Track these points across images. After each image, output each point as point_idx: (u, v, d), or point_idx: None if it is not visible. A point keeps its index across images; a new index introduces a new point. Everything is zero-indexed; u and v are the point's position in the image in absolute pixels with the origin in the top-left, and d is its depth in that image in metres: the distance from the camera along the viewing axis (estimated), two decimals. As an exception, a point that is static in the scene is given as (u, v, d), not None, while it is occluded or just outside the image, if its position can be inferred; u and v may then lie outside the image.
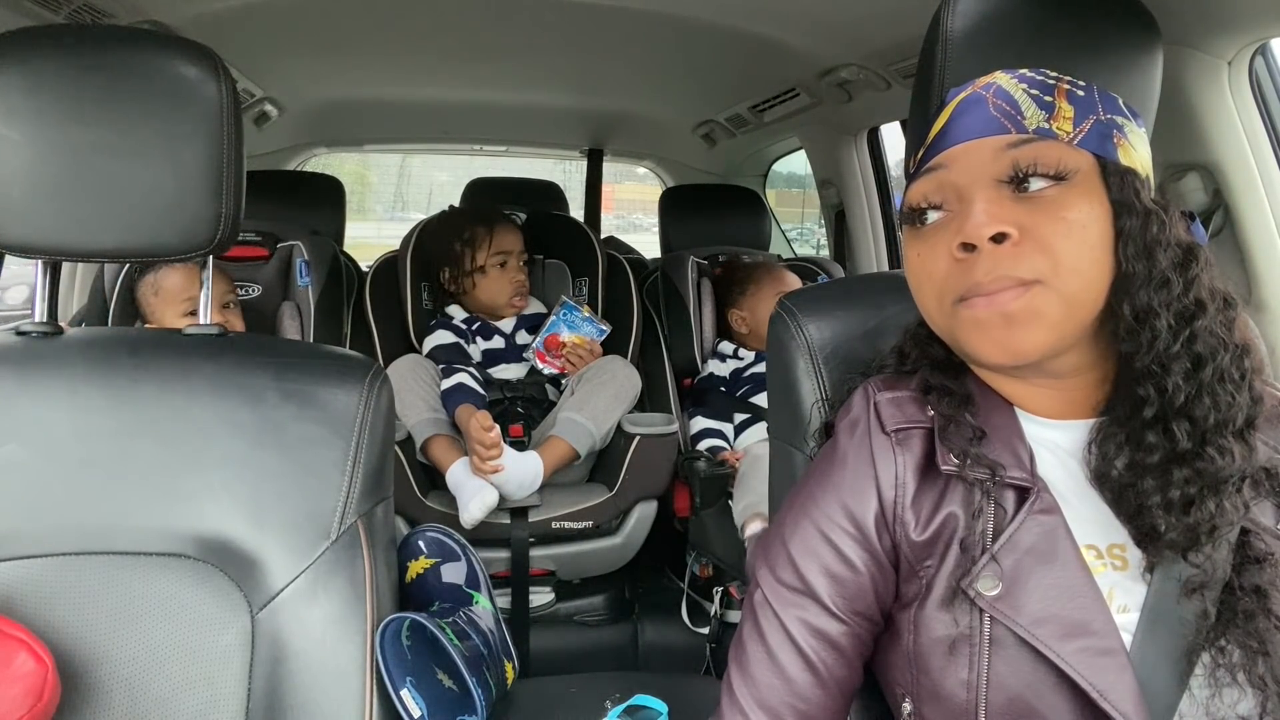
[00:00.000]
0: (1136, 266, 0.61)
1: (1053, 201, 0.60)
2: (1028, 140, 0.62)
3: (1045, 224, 0.60)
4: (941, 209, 0.65)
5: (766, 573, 0.69)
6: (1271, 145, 1.07)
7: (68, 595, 0.75)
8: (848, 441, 0.69)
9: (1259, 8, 0.97)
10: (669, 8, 1.62)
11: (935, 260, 0.64)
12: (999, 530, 0.62)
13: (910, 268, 0.68)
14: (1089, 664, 0.58)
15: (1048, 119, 0.62)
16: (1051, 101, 0.63)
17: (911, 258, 0.67)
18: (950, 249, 0.62)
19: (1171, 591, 0.61)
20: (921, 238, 0.66)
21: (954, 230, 0.62)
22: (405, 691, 0.78)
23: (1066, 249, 0.60)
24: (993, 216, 0.60)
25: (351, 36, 1.93)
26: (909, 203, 0.67)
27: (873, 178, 2.28)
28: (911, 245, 0.67)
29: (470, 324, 1.96)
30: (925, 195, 0.65)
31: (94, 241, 0.81)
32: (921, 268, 0.66)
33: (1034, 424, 0.67)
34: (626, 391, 1.82)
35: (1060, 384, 0.66)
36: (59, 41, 0.80)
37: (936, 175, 0.65)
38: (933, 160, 0.66)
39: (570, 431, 1.75)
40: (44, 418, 0.77)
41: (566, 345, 1.91)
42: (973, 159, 0.63)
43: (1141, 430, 0.61)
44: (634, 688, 1.00)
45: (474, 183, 3.16)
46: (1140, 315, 0.61)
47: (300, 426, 0.79)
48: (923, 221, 0.66)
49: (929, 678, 0.64)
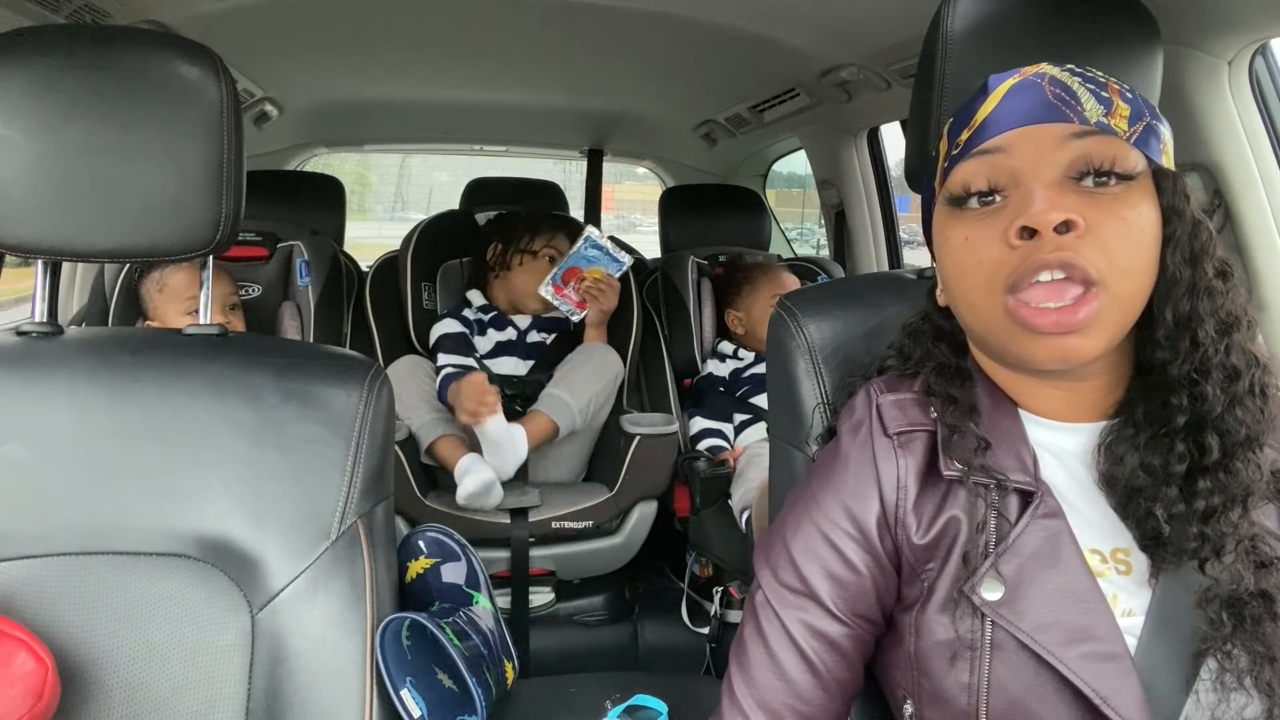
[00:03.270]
0: (1183, 273, 0.61)
1: (1115, 200, 0.59)
2: (1091, 132, 0.60)
3: (1106, 222, 0.59)
4: (995, 194, 0.62)
5: (768, 573, 0.69)
6: (1271, 145, 1.07)
7: (68, 595, 0.75)
8: (850, 443, 0.69)
9: (1259, 8, 0.97)
10: (669, 8, 1.62)
11: (987, 245, 0.61)
12: (1002, 535, 0.62)
13: (953, 253, 0.64)
14: (1092, 670, 0.58)
15: (1106, 114, 0.61)
16: (1109, 98, 0.62)
17: (956, 242, 0.63)
18: (1006, 234, 0.59)
19: (1177, 596, 0.60)
20: (969, 221, 0.63)
21: (1011, 215, 0.60)
22: (405, 691, 0.78)
23: (1123, 250, 0.59)
24: (1057, 204, 0.58)
25: (351, 36, 1.93)
26: (960, 184, 0.63)
27: (873, 178, 2.28)
28: (955, 228, 0.63)
29: (486, 312, 1.97)
30: (985, 178, 0.62)
31: (94, 241, 0.81)
32: (969, 253, 0.62)
33: (1039, 426, 0.66)
34: (605, 370, 1.85)
35: (1078, 386, 0.65)
36: (59, 41, 0.80)
37: (992, 159, 0.62)
38: (987, 143, 0.62)
39: (548, 405, 1.78)
40: (44, 418, 0.77)
41: (586, 279, 1.91)
42: (1034, 144, 0.61)
43: (1169, 439, 0.61)
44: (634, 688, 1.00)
45: (474, 183, 3.16)
46: (1182, 322, 0.61)
47: (300, 426, 0.79)
48: (976, 203, 0.63)
49: (930, 680, 0.64)
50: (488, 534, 1.68)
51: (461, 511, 1.69)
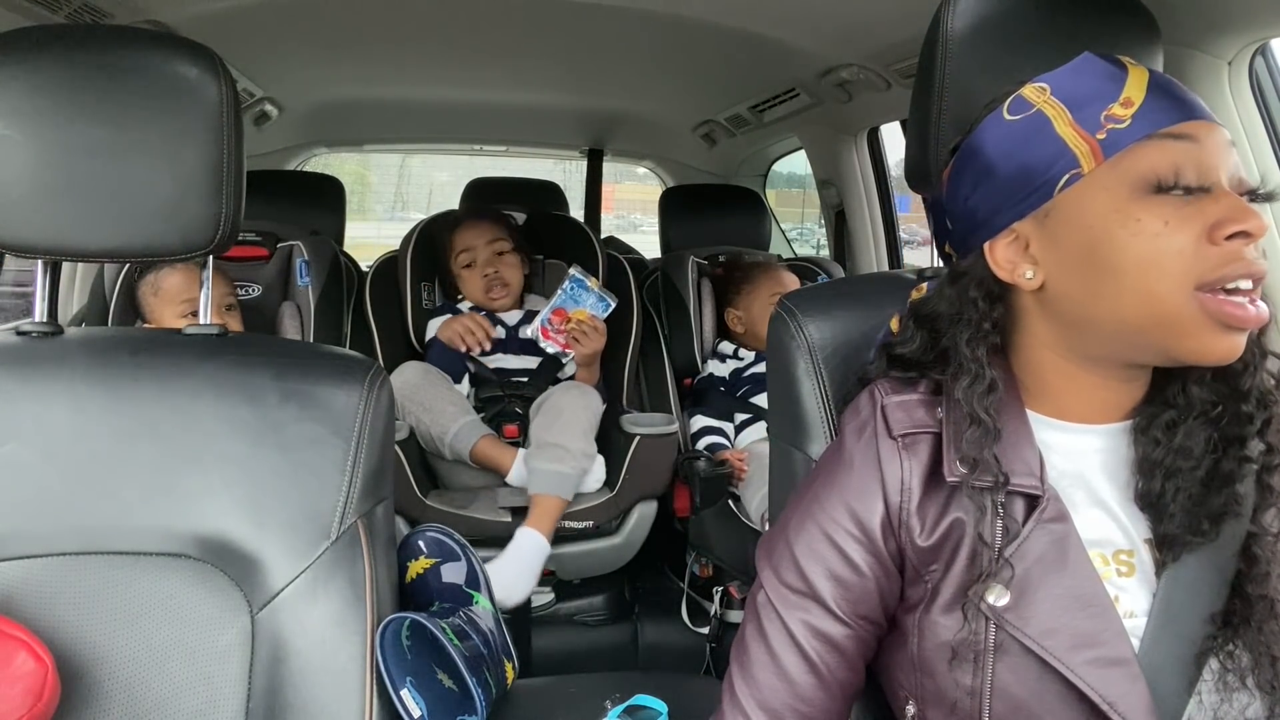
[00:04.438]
0: None
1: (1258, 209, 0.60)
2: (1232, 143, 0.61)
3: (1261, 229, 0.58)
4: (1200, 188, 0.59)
5: (770, 574, 0.69)
6: (1271, 145, 1.07)
7: (68, 595, 0.75)
8: (854, 444, 0.68)
9: (1259, 8, 0.97)
10: (669, 8, 1.63)
11: (1188, 237, 0.57)
12: (1008, 539, 0.61)
13: (1149, 238, 0.58)
14: (1099, 675, 0.58)
15: None
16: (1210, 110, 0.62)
17: (1154, 226, 0.58)
18: (1207, 230, 0.57)
19: (1180, 597, 0.60)
20: (1174, 206, 0.58)
21: (1210, 213, 0.58)
22: (405, 691, 0.78)
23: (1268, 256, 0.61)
24: (1253, 211, 0.58)
25: (351, 36, 1.93)
26: (1168, 166, 0.59)
27: (873, 178, 2.27)
28: (1155, 212, 0.58)
29: (476, 312, 1.98)
30: (1193, 169, 0.59)
31: (94, 241, 0.81)
32: (1169, 241, 0.58)
33: (1051, 429, 0.66)
34: (580, 414, 1.74)
35: (1121, 387, 0.65)
36: (59, 41, 0.80)
37: (1184, 146, 0.59)
38: (1178, 126, 0.59)
39: (543, 484, 1.67)
40: (44, 418, 0.77)
41: (571, 321, 1.88)
42: (1217, 142, 0.60)
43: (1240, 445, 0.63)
44: (634, 688, 1.00)
45: (474, 183, 3.16)
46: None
47: (300, 426, 0.79)
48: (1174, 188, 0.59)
49: (933, 681, 0.63)
50: (488, 534, 1.68)
51: (461, 511, 1.69)
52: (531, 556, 1.62)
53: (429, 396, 1.75)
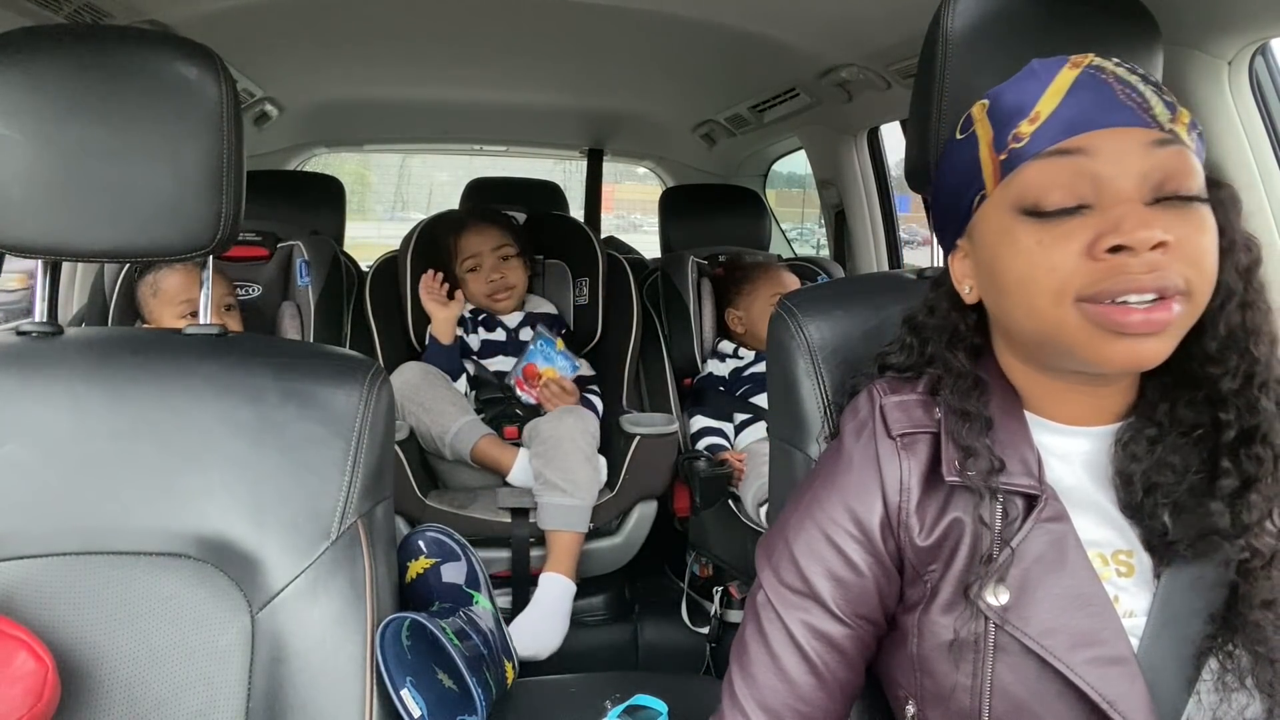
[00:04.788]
0: (1236, 287, 0.61)
1: (1197, 213, 0.58)
2: (1169, 141, 0.58)
3: (1194, 236, 0.57)
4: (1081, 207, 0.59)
5: (770, 574, 0.69)
6: (1271, 145, 1.07)
7: (68, 595, 0.75)
8: (853, 444, 0.69)
9: (1259, 8, 0.97)
10: (669, 8, 1.63)
11: (1065, 254, 0.58)
12: (1006, 539, 0.62)
13: (1022, 255, 0.60)
14: (1098, 674, 0.58)
15: (1172, 120, 0.59)
16: (1171, 101, 0.60)
17: (1027, 244, 0.59)
18: (1091, 246, 0.57)
19: (1180, 597, 0.60)
20: (1046, 225, 0.59)
21: (1095, 227, 0.57)
22: (405, 691, 0.78)
23: (1208, 265, 0.58)
24: (1150, 221, 0.56)
25: (351, 36, 1.93)
26: (1040, 189, 0.59)
27: (873, 178, 2.28)
28: (1027, 231, 0.59)
29: (476, 314, 1.98)
30: (1071, 190, 0.58)
31: (94, 241, 0.81)
32: (1043, 258, 0.58)
33: (1047, 431, 0.66)
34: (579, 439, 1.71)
35: (1101, 391, 0.65)
36: (59, 41, 0.80)
37: (1073, 161, 0.58)
38: (1065, 142, 0.59)
39: (552, 519, 1.64)
40: (44, 418, 0.77)
41: (542, 377, 1.89)
42: (1117, 149, 0.58)
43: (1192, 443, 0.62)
44: (634, 688, 1.00)
45: (474, 183, 3.16)
46: (1234, 336, 0.61)
47: (300, 426, 0.79)
48: (1049, 209, 0.59)
49: (933, 681, 0.64)
50: (488, 534, 1.68)
51: (461, 511, 1.69)
52: (559, 602, 1.60)
53: (429, 396, 1.75)
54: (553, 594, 1.61)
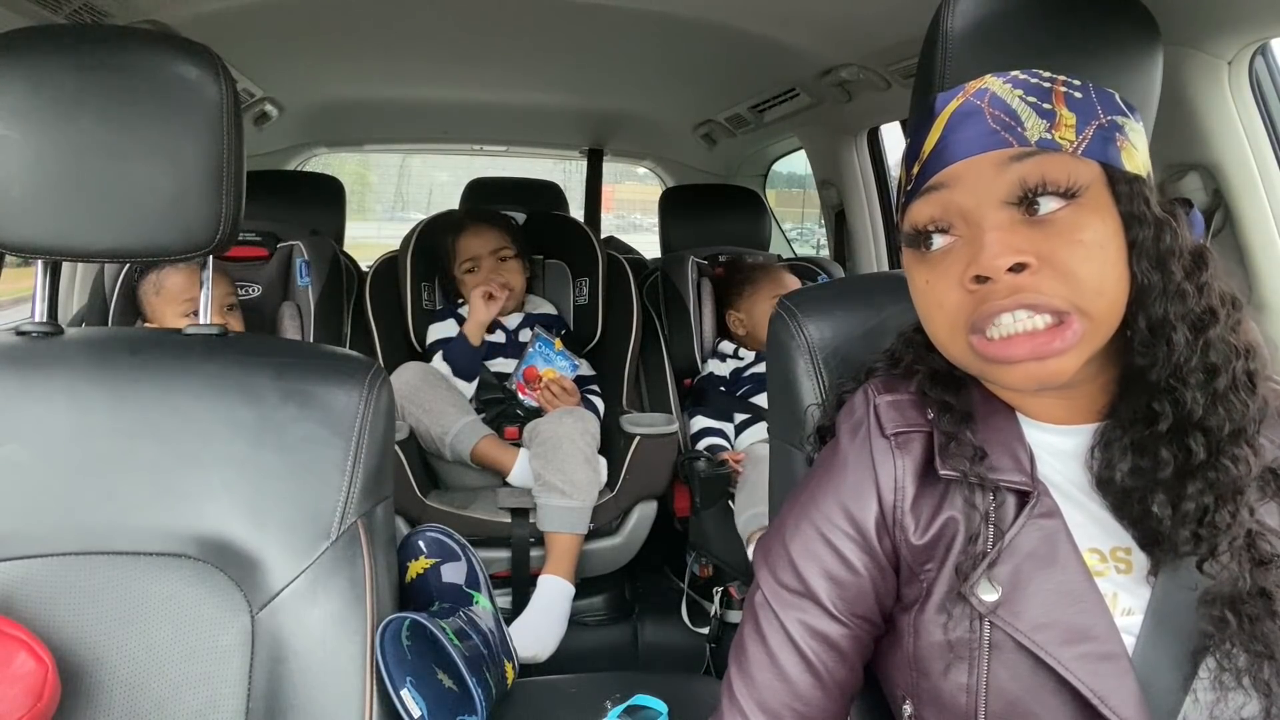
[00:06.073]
0: (1152, 279, 0.60)
1: (1067, 223, 0.58)
2: (1030, 153, 0.59)
3: (1062, 249, 0.58)
4: (948, 232, 0.61)
5: (767, 574, 0.69)
6: (1271, 145, 1.07)
7: (68, 595, 0.75)
8: (849, 444, 0.69)
9: (1259, 8, 0.97)
10: (669, 8, 1.63)
11: (946, 290, 0.61)
12: (999, 535, 0.62)
13: (918, 294, 0.65)
14: (1090, 670, 0.58)
15: (1049, 129, 0.59)
16: (1051, 109, 0.60)
17: (919, 284, 0.64)
18: (961, 279, 0.59)
19: (1176, 595, 0.60)
20: (929, 264, 0.62)
21: (965, 259, 0.59)
22: (405, 691, 0.78)
23: (1088, 273, 0.58)
24: (1007, 246, 0.57)
25: (351, 36, 1.93)
26: (912, 224, 0.63)
27: (873, 178, 2.28)
28: (918, 271, 0.64)
29: None
30: (930, 218, 0.62)
31: (94, 241, 0.81)
32: (931, 296, 0.63)
33: (1037, 429, 0.66)
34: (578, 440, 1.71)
35: (1069, 393, 0.65)
36: (59, 41, 0.80)
37: (939, 196, 0.61)
38: (933, 179, 0.62)
39: (551, 521, 1.65)
40: (44, 418, 0.77)
41: (543, 379, 1.90)
42: (976, 177, 0.60)
43: (1154, 443, 0.61)
44: (634, 688, 1.00)
45: (474, 183, 3.16)
46: (1156, 328, 0.60)
47: (300, 426, 0.79)
48: (928, 245, 0.62)
49: (929, 681, 0.64)
50: (488, 534, 1.68)
51: (461, 511, 1.69)
52: (557, 605, 1.61)
53: (429, 397, 1.75)
54: (551, 596, 1.61)
